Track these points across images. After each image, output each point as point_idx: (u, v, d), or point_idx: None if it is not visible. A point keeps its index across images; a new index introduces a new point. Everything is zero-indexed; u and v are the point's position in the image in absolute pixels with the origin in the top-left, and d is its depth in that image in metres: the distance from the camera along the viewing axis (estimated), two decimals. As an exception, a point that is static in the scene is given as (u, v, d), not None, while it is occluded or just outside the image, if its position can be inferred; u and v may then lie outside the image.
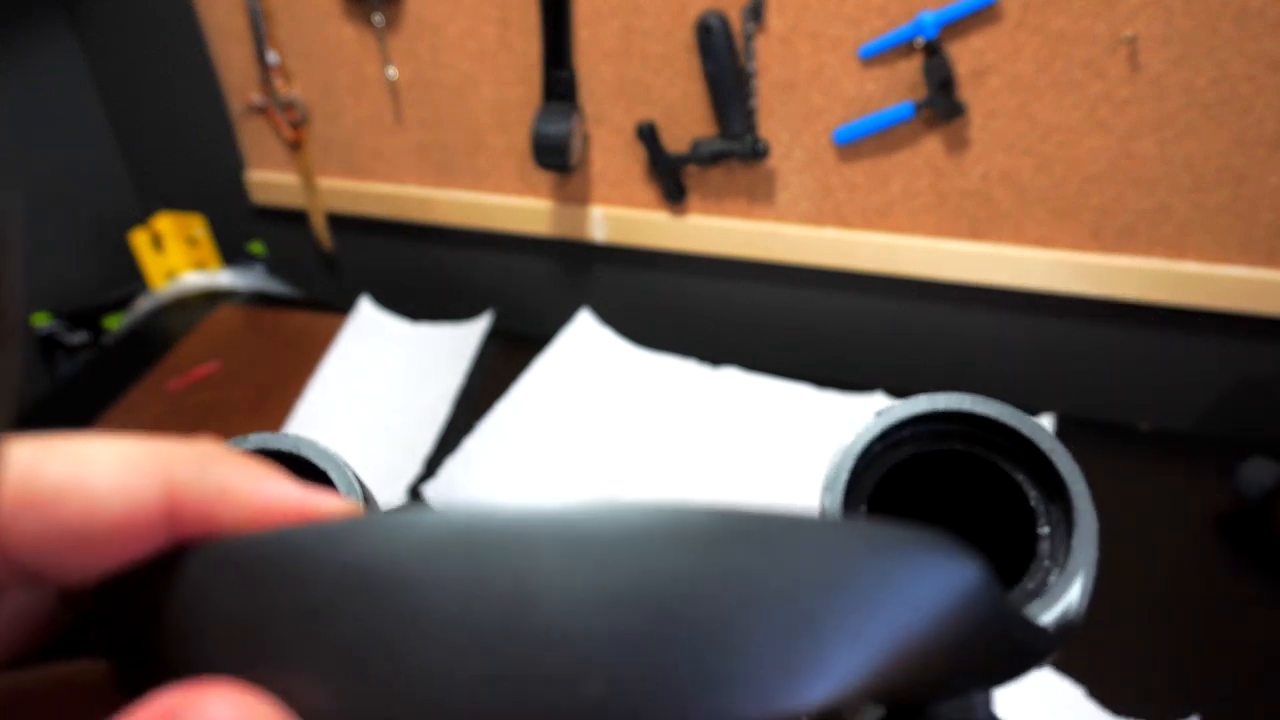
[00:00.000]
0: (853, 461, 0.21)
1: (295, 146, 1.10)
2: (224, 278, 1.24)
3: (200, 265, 1.25)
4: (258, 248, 1.24)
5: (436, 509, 0.12)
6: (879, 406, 0.22)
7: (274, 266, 1.25)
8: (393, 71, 1.01)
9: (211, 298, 1.22)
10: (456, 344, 1.08)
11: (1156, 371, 0.93)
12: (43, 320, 1.15)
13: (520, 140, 1.00)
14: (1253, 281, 0.83)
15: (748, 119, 0.89)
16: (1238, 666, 0.71)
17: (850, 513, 0.21)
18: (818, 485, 0.23)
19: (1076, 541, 0.19)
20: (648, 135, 0.93)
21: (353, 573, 0.12)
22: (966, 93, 0.83)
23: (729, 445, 0.91)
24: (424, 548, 0.12)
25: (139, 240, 1.20)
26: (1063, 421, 0.91)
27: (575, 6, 0.90)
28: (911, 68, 0.83)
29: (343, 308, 1.15)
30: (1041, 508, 0.21)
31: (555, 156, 0.93)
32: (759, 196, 0.95)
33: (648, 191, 0.99)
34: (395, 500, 0.86)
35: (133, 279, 1.23)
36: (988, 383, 0.98)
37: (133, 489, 0.13)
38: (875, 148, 0.88)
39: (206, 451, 0.14)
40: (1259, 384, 0.90)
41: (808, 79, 0.86)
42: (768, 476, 0.88)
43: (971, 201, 0.88)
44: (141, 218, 1.24)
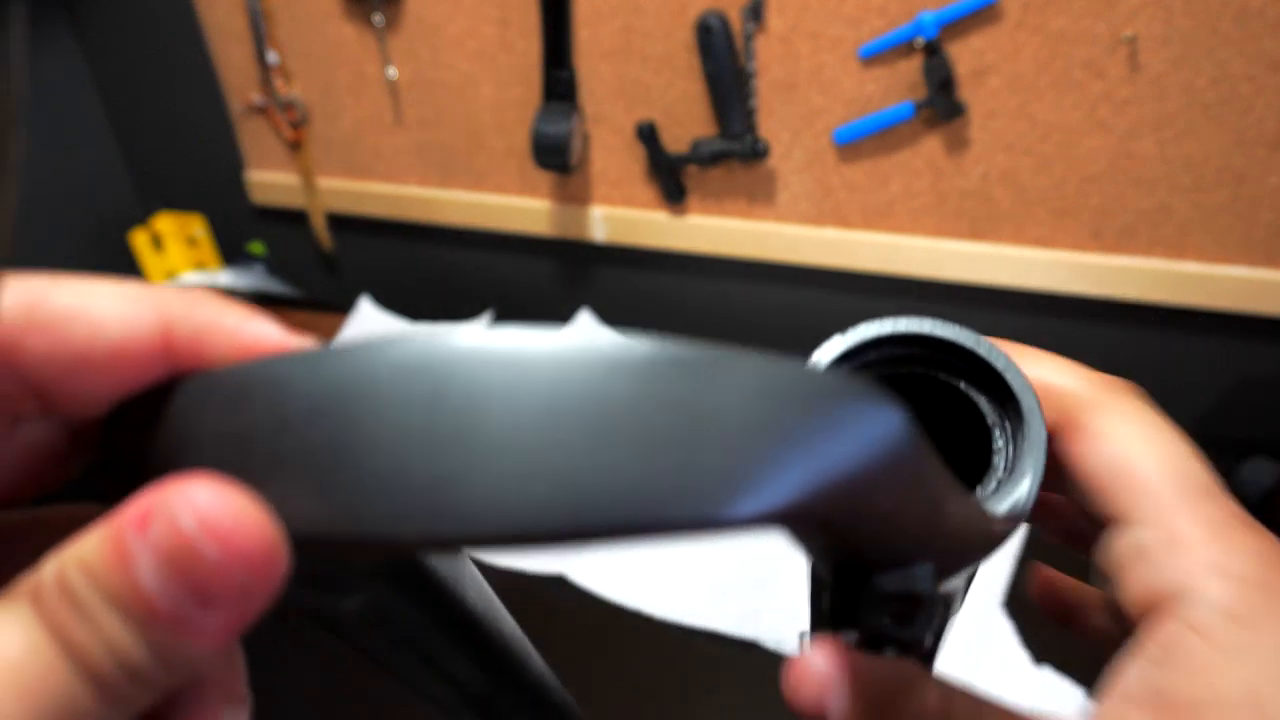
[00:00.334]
0: None
1: (295, 146, 1.10)
2: (224, 278, 1.24)
3: (200, 265, 1.25)
4: (258, 248, 1.24)
5: (408, 337, 0.14)
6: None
7: (274, 266, 1.25)
8: (393, 71, 1.01)
9: (211, 298, 1.22)
10: (456, 344, 1.08)
11: (1156, 371, 0.93)
12: (43, 320, 1.15)
13: (520, 140, 1.00)
14: (1253, 281, 0.83)
15: (748, 119, 0.89)
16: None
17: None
18: None
19: (1025, 448, 0.21)
20: (648, 135, 0.93)
21: (327, 389, 0.14)
22: (966, 93, 0.83)
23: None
24: (393, 368, 0.14)
25: (139, 240, 1.20)
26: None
27: (575, 6, 0.90)
28: (911, 68, 0.83)
29: (343, 308, 1.15)
30: (997, 425, 0.22)
31: (555, 156, 0.93)
32: (759, 196, 0.95)
33: (648, 191, 0.99)
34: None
35: (133, 279, 1.23)
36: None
37: (131, 317, 0.15)
38: (875, 148, 0.88)
39: (198, 295, 0.17)
40: (1259, 384, 0.90)
41: (808, 79, 0.86)
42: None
43: (971, 201, 0.88)
44: (141, 218, 1.24)
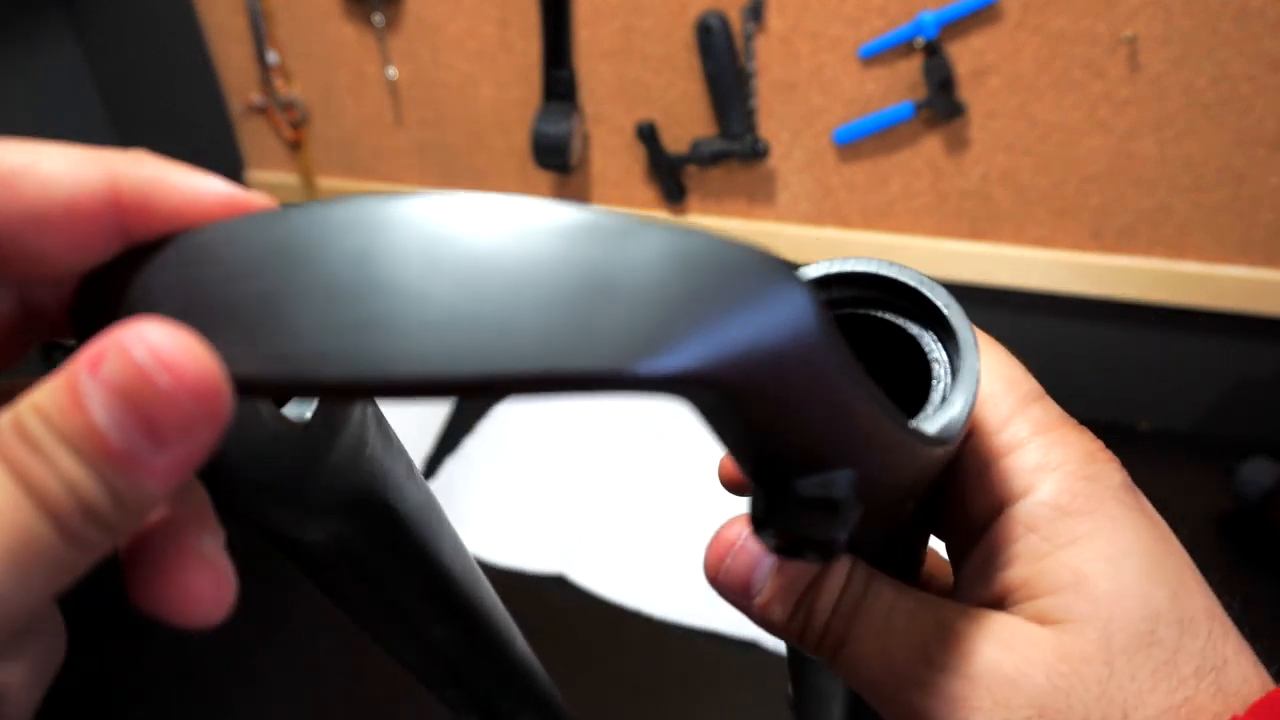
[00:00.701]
0: None
1: (295, 146, 1.10)
2: (224, 278, 1.24)
3: (200, 265, 1.25)
4: (258, 248, 1.24)
5: (349, 198, 0.15)
6: None
7: (274, 266, 1.25)
8: (393, 71, 1.01)
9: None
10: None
11: (1156, 371, 0.93)
12: (43, 320, 1.15)
13: (520, 140, 1.00)
14: (1253, 281, 0.83)
15: (748, 119, 0.89)
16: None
17: None
18: None
19: (960, 377, 0.22)
20: (648, 135, 0.93)
21: (269, 246, 0.15)
22: (966, 93, 0.83)
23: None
24: (329, 225, 0.14)
25: (139, 240, 1.20)
26: (1063, 421, 0.91)
27: (575, 6, 0.90)
28: (911, 68, 0.83)
29: (343, 308, 1.15)
30: (938, 360, 0.23)
31: (555, 156, 0.93)
32: (759, 196, 0.95)
33: (648, 191, 0.99)
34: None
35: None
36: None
37: (79, 173, 0.16)
38: (875, 148, 0.88)
39: (141, 153, 0.17)
40: (1259, 384, 0.90)
41: (808, 79, 0.86)
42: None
43: (971, 201, 0.88)
44: (141, 218, 1.24)
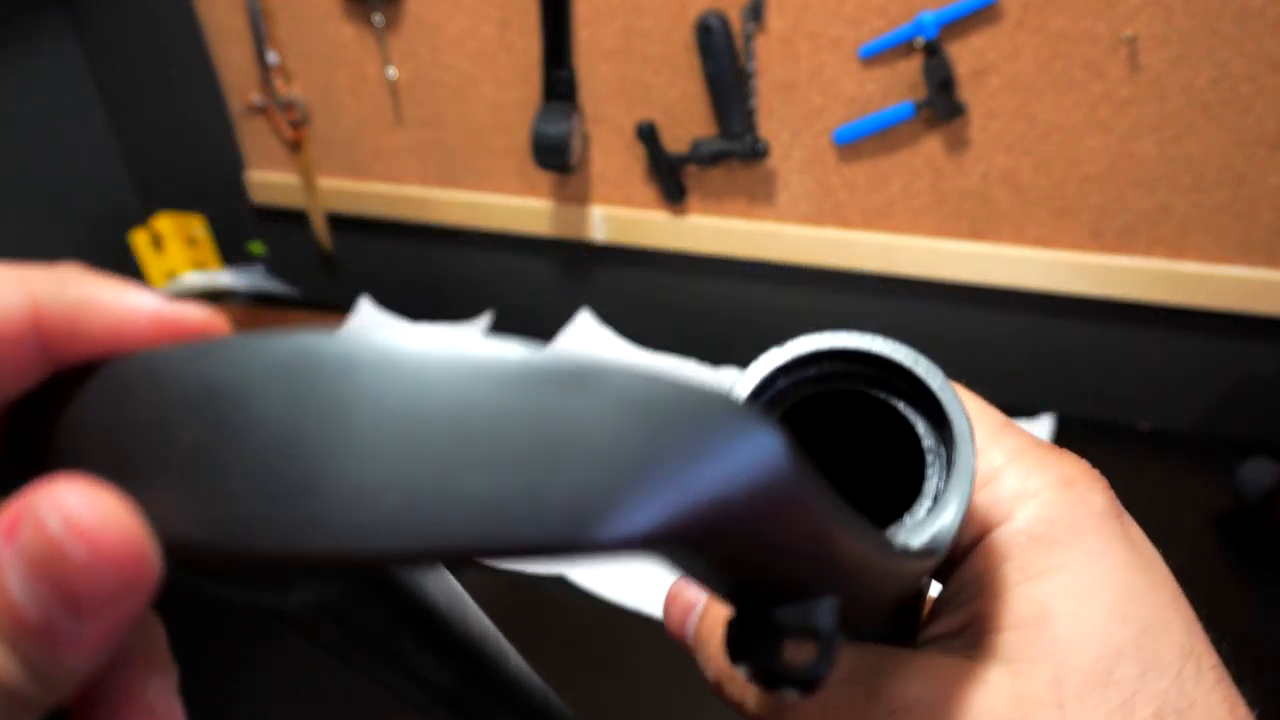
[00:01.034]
0: (744, 397, 0.21)
1: (295, 146, 1.10)
2: (224, 278, 1.24)
3: (200, 265, 1.25)
4: (258, 248, 1.24)
5: (285, 335, 0.14)
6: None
7: (274, 266, 1.25)
8: (393, 71, 1.01)
9: (211, 298, 1.22)
10: (456, 344, 1.08)
11: (1156, 371, 0.93)
12: (43, 320, 1.14)
13: (520, 140, 1.00)
14: (1253, 281, 0.83)
15: (748, 119, 0.89)
16: (1237, 666, 0.71)
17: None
18: None
19: (954, 476, 0.20)
20: (648, 135, 0.93)
21: (199, 387, 0.14)
22: (966, 93, 0.83)
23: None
24: (262, 367, 0.13)
25: (139, 240, 1.20)
26: (1062, 421, 0.91)
27: (575, 6, 0.90)
28: (911, 68, 0.83)
29: (343, 308, 1.15)
30: (932, 450, 0.21)
31: (555, 156, 0.93)
32: (759, 196, 0.95)
33: (648, 191, 0.99)
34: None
35: (133, 279, 1.23)
36: (988, 383, 0.98)
37: None
38: (875, 148, 0.88)
39: (67, 271, 0.16)
40: (1259, 384, 0.90)
41: (808, 79, 0.86)
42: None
43: (971, 201, 0.88)
44: (141, 218, 1.24)
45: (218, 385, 0.14)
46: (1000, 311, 0.94)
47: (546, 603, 0.80)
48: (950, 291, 0.94)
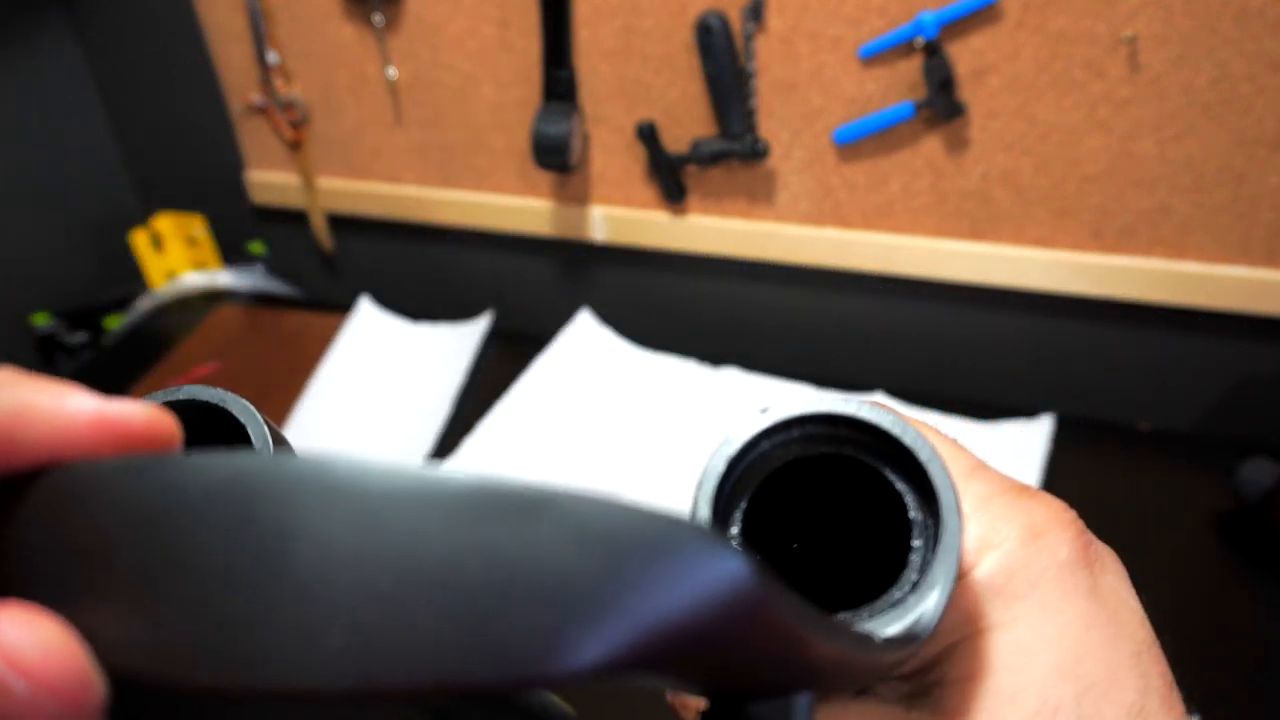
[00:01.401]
0: (724, 465, 0.21)
1: (295, 146, 1.10)
2: (224, 278, 1.24)
3: (200, 265, 1.25)
4: (258, 248, 1.24)
5: (226, 456, 0.13)
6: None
7: (274, 266, 1.25)
8: (393, 71, 1.01)
9: (211, 298, 1.22)
10: (456, 344, 1.08)
11: (1156, 371, 0.93)
12: (42, 320, 1.15)
13: (520, 140, 1.00)
14: (1253, 281, 0.83)
15: (748, 119, 0.89)
16: (1238, 666, 0.71)
17: (719, 512, 0.21)
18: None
19: (940, 552, 0.19)
20: (648, 135, 0.93)
21: (142, 509, 0.13)
22: (966, 93, 0.83)
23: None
24: (205, 489, 0.13)
25: (139, 240, 1.20)
26: (1062, 421, 0.91)
27: (575, 6, 0.90)
28: (911, 68, 0.83)
29: (343, 308, 1.15)
30: (919, 521, 0.21)
31: (555, 156, 0.93)
32: (759, 196, 0.95)
33: (648, 191, 0.99)
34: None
35: (133, 279, 1.23)
36: (988, 383, 0.98)
37: None
38: (875, 148, 0.88)
39: (3, 376, 0.15)
40: (1259, 384, 0.90)
41: (808, 79, 0.86)
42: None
43: (971, 201, 0.88)
44: (141, 218, 1.24)
45: (158, 509, 0.13)
46: (1000, 311, 0.94)
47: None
48: (950, 291, 0.94)
